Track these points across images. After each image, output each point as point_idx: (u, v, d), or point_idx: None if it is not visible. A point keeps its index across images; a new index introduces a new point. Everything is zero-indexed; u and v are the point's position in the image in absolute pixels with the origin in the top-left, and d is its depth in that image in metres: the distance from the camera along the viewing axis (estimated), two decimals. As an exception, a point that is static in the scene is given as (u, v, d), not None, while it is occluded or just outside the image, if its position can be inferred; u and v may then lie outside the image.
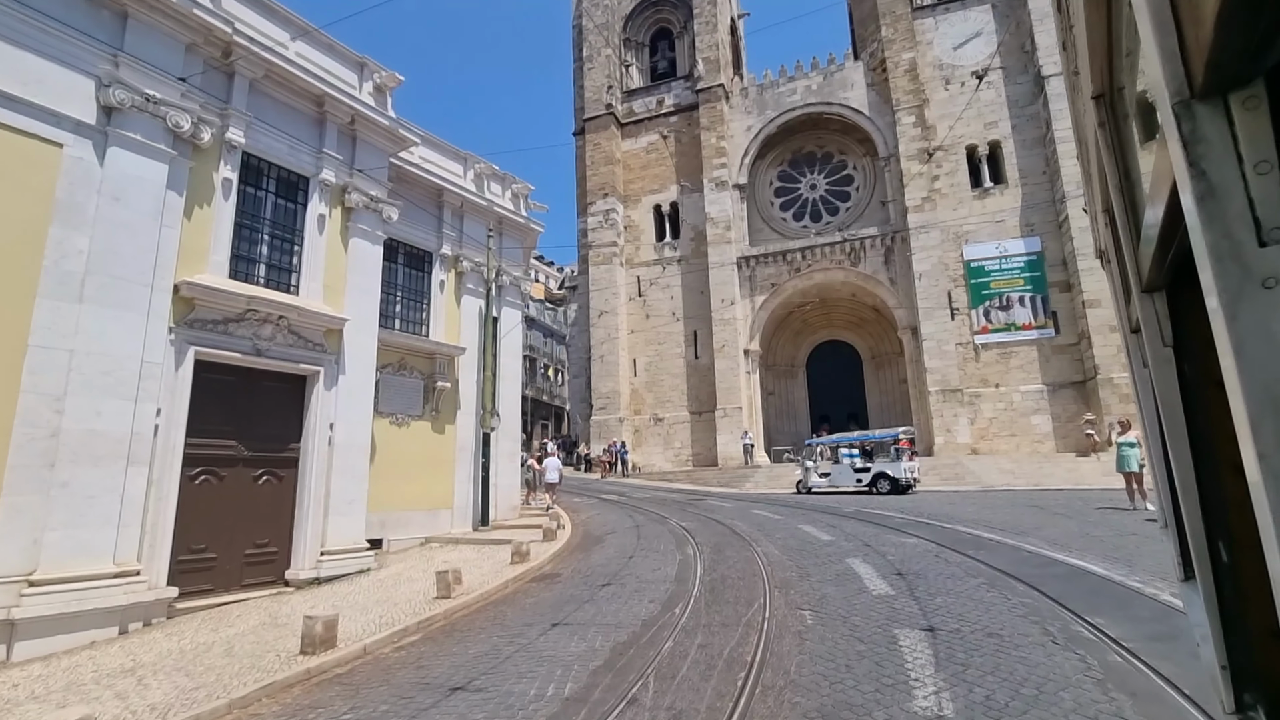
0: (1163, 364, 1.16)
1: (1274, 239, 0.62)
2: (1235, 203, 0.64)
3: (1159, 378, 1.18)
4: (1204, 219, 0.65)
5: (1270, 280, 0.62)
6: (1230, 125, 0.65)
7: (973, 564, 8.38)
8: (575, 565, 10.45)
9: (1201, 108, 0.66)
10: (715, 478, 26.83)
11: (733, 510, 15.56)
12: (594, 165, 37.69)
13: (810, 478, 20.31)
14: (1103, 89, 1.15)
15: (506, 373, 17.80)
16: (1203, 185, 0.65)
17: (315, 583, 11.12)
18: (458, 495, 15.61)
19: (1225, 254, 0.63)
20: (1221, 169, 0.65)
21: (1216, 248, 0.64)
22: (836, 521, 12.83)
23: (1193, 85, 0.66)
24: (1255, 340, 0.61)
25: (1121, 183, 1.16)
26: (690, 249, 35.20)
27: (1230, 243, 0.63)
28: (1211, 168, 0.65)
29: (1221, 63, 0.62)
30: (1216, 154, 0.65)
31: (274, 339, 11.23)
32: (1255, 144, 0.64)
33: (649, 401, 34.90)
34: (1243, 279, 0.62)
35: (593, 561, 10.55)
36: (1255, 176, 0.64)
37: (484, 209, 17.34)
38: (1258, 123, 0.64)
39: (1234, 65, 0.62)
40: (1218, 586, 1.07)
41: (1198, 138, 0.66)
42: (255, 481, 11.05)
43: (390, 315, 15.21)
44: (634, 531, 13.24)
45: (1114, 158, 1.17)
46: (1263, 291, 0.62)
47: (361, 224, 13.08)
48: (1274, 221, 0.62)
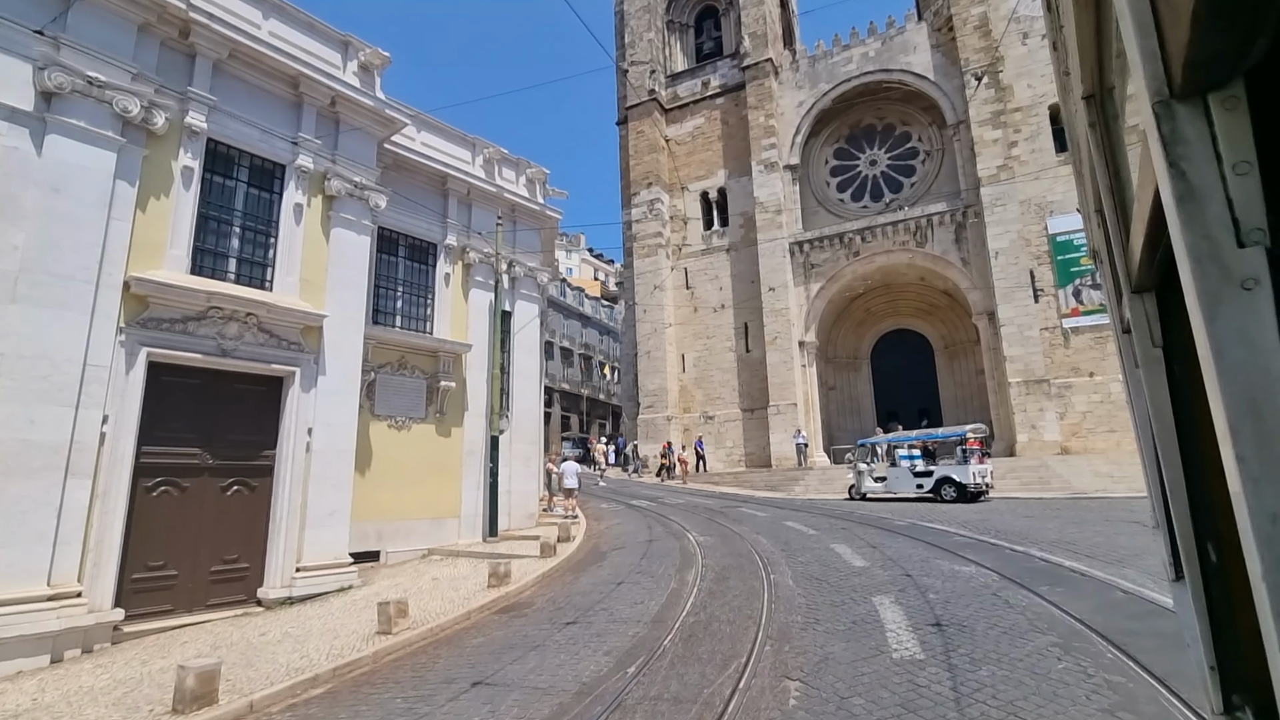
0: (1152, 364, 1.18)
1: (1253, 240, 0.62)
2: (1214, 203, 0.64)
3: (1148, 378, 1.20)
4: (1183, 220, 0.65)
5: (1249, 281, 0.62)
6: (1210, 126, 0.65)
7: (1042, 609, 6.34)
8: (556, 592, 9.02)
9: (1181, 108, 0.66)
10: (764, 480, 24.82)
11: (765, 522, 13.71)
12: (637, 154, 36.24)
13: (864, 482, 18.05)
14: (1093, 89, 1.17)
15: (522, 370, 16.61)
16: (1182, 186, 0.65)
17: (287, 603, 10.20)
18: (465, 503, 14.53)
19: (1204, 255, 0.63)
20: (1201, 169, 0.65)
21: (1196, 249, 0.64)
22: (880, 539, 10.80)
23: (1173, 86, 0.67)
24: (1234, 342, 0.61)
25: (1111, 183, 1.18)
26: (740, 236, 33.15)
27: (1209, 244, 0.63)
28: (1191, 168, 0.65)
29: (1200, 63, 0.62)
30: (1196, 154, 0.65)
31: (241, 338, 10.39)
32: (1234, 144, 0.64)
33: (698, 399, 33.13)
34: (1222, 280, 0.62)
35: (577, 587, 9.08)
36: (1234, 177, 0.64)
37: (493, 196, 16.20)
38: (1237, 123, 0.65)
39: (1213, 66, 0.63)
40: (1206, 587, 1.09)
41: (1178, 138, 0.66)
42: (223, 492, 10.24)
43: (390, 311, 14.29)
44: (643, 548, 11.68)
45: (1104, 158, 1.19)
46: (1242, 293, 0.62)
47: (345, 213, 12.13)
48: (1253, 222, 0.63)
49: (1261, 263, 0.62)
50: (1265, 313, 0.61)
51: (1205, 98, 0.65)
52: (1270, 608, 0.58)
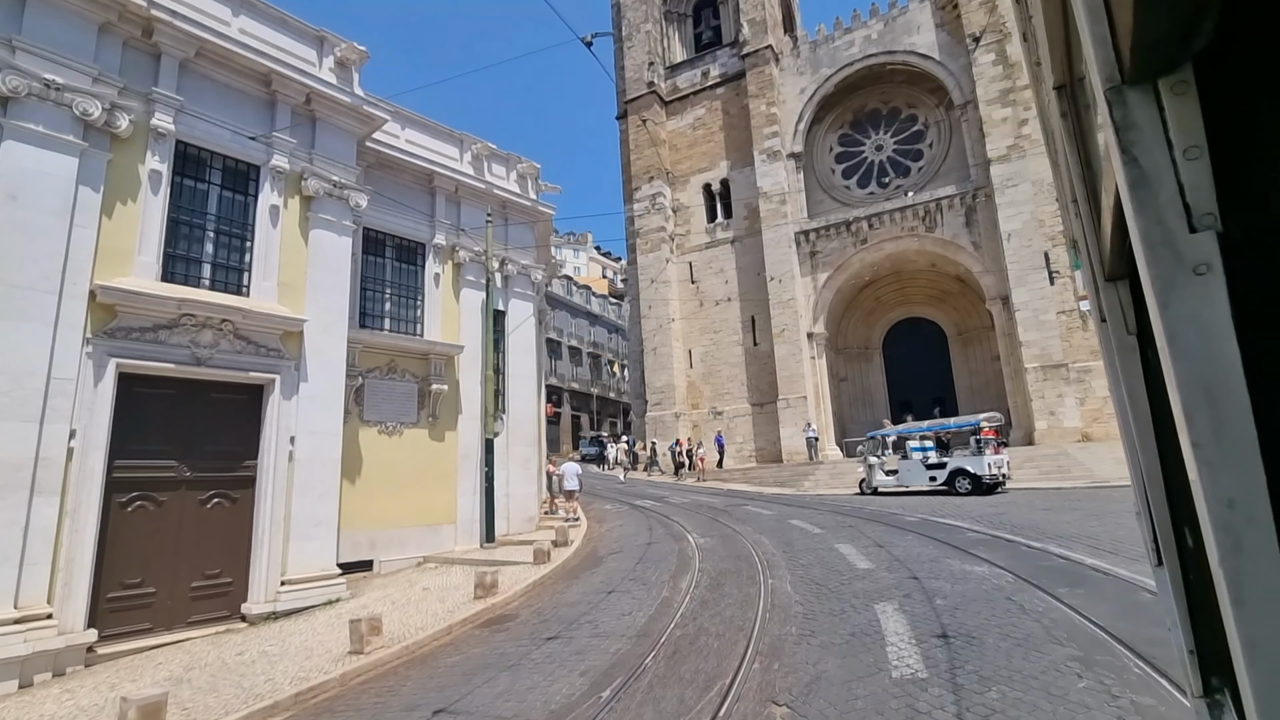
0: (1127, 352, 1.19)
1: (1204, 225, 0.62)
2: (1166, 188, 0.64)
3: (1123, 366, 1.21)
4: (1137, 205, 0.65)
5: (1201, 267, 0.62)
6: (1160, 111, 0.66)
7: (1061, 614, 5.78)
8: (544, 602, 8.58)
9: (1132, 93, 0.67)
10: (773, 476, 24.23)
11: (769, 521, 13.17)
12: (638, 148, 35.70)
13: (874, 476, 17.42)
14: (1063, 79, 1.16)
15: (517, 370, 16.19)
16: (1135, 171, 0.65)
17: (271, 618, 9.86)
18: (461, 509, 14.14)
19: (1158, 240, 0.64)
20: (1153, 155, 0.65)
21: (1149, 234, 0.64)
22: (890, 538, 10.23)
23: (1123, 71, 0.67)
24: (1187, 327, 0.61)
25: (1084, 172, 1.18)
26: (744, 228, 32.52)
27: (1162, 229, 0.64)
28: (1143, 153, 0.65)
29: (1147, 47, 0.62)
30: (1147, 140, 0.65)
31: (217, 346, 10.05)
32: (1185, 129, 0.64)
33: (706, 394, 32.59)
34: (1175, 265, 0.62)
35: (567, 597, 8.63)
36: (1185, 162, 0.64)
37: (483, 193, 15.78)
38: (1187, 108, 0.65)
39: (1160, 50, 0.63)
40: (1184, 572, 1.12)
41: (1129, 123, 0.66)
42: (203, 505, 9.92)
43: (378, 314, 13.93)
44: (641, 551, 11.21)
45: (1075, 148, 1.19)
46: (1194, 278, 0.62)
47: (324, 214, 11.76)
48: (1204, 207, 0.63)
49: (1213, 248, 0.62)
50: (1218, 297, 0.61)
51: (1155, 83, 0.66)
52: (1228, 592, 0.59)
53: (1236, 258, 0.62)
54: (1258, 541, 0.58)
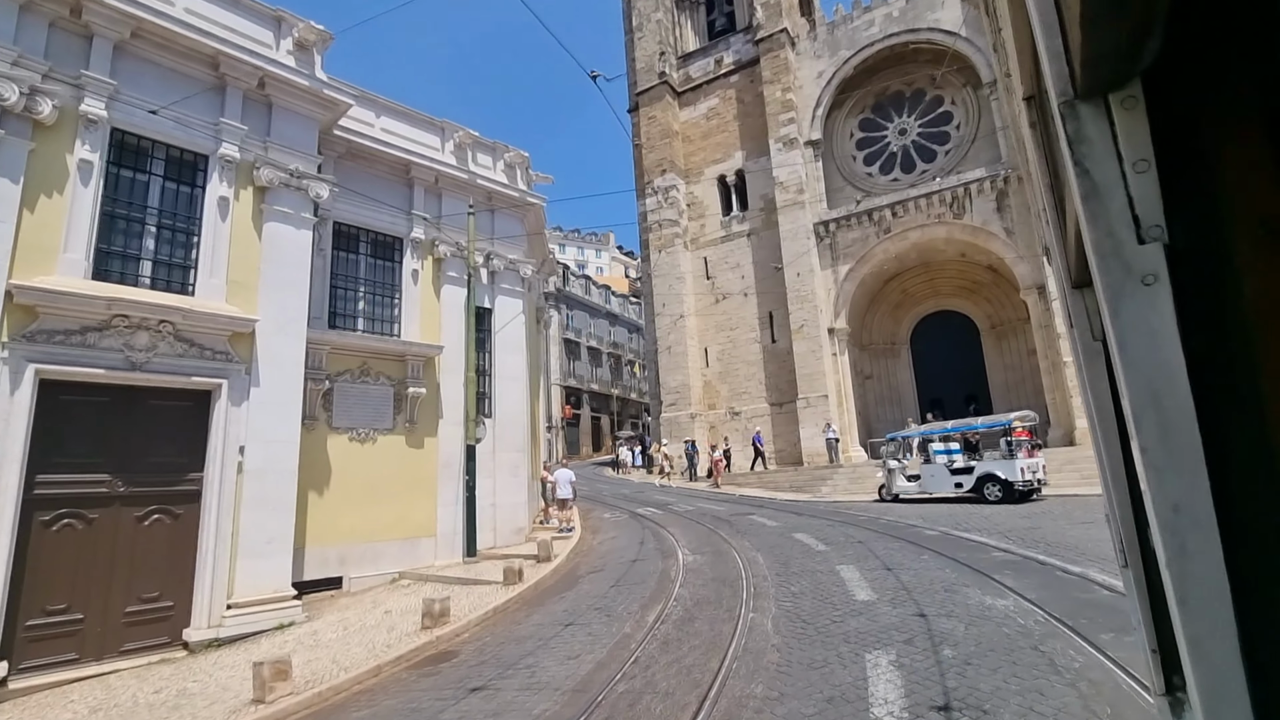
0: (1092, 357, 1.21)
1: (1152, 236, 0.64)
2: (1116, 200, 0.66)
3: (1088, 371, 1.24)
4: (1088, 216, 0.66)
5: (1149, 277, 0.63)
6: (1111, 125, 0.67)
7: (1105, 676, 4.48)
8: (494, 635, 7.51)
9: (1084, 107, 0.68)
10: (789, 480, 22.85)
11: (772, 534, 11.89)
12: (649, 141, 34.57)
13: (895, 481, 15.96)
14: (1032, 90, 1.20)
15: (506, 372, 15.21)
16: (1087, 183, 0.67)
17: (214, 645, 9.02)
18: (442, 520, 13.21)
19: (1108, 251, 0.65)
20: (1103, 167, 0.67)
21: (1100, 245, 0.65)
22: (901, 556, 8.91)
23: (1075, 85, 0.68)
24: (1136, 335, 0.63)
25: (1052, 182, 1.21)
26: (760, 220, 31.13)
27: (1112, 240, 0.65)
28: (1094, 166, 0.67)
29: (1096, 63, 0.64)
30: (1098, 153, 0.67)
31: (155, 349, 9.26)
32: (1133, 143, 0.66)
33: (723, 394, 31.27)
34: (1124, 275, 0.64)
35: (520, 629, 7.54)
36: (1134, 175, 0.65)
37: (465, 184, 14.85)
38: (1135, 122, 0.66)
39: (1109, 66, 0.64)
40: (1148, 574, 1.15)
41: (1081, 137, 0.68)
42: (140, 523, 9.12)
43: (350, 314, 13.09)
44: (622, 570, 10.08)
45: (1043, 157, 1.22)
46: (1142, 288, 0.63)
47: (280, 205, 10.93)
48: (1152, 219, 0.64)
49: (1160, 259, 0.64)
50: (1164, 307, 0.63)
51: (1106, 97, 0.67)
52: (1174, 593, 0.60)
53: (1183, 268, 0.64)
54: (1201, 545, 0.60)
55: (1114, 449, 1.17)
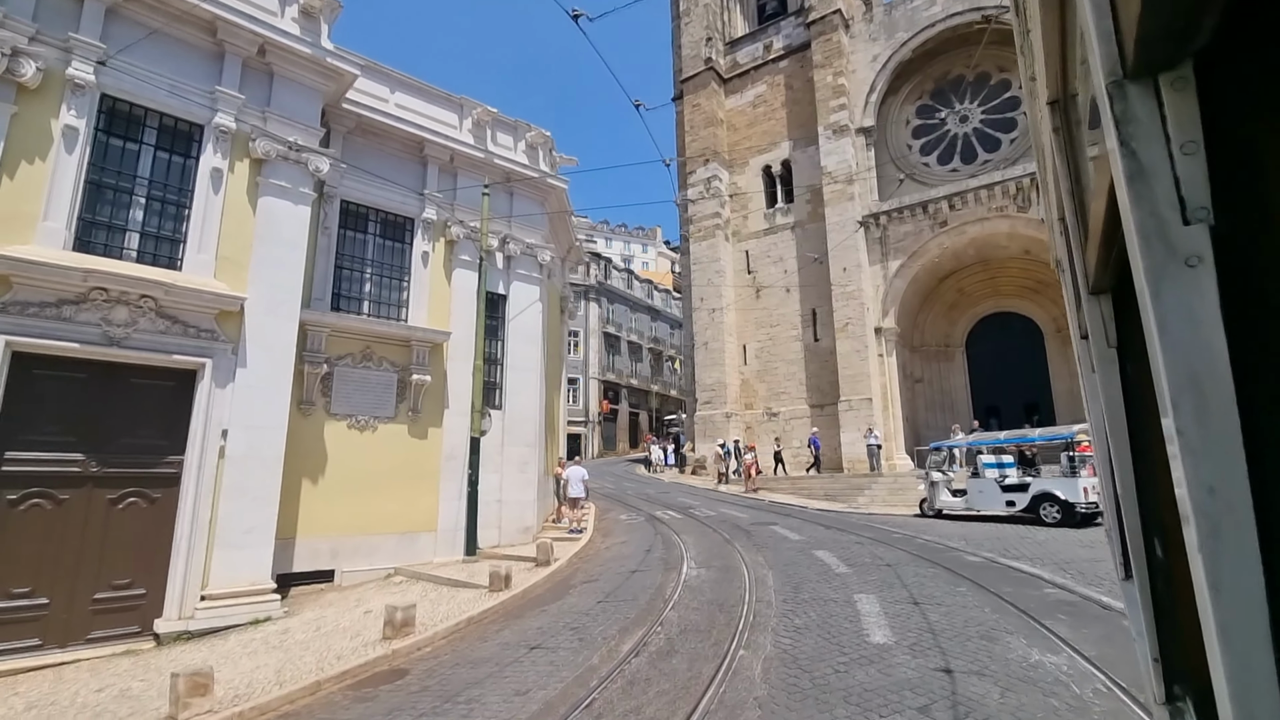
0: (1107, 364, 1.21)
1: (1198, 218, 0.63)
2: (1162, 182, 0.65)
3: (1102, 378, 1.23)
4: (1132, 198, 0.66)
5: (1193, 259, 0.63)
6: (1160, 106, 0.66)
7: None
8: (452, 654, 6.70)
9: (1133, 88, 0.68)
10: (824, 488, 21.45)
11: (791, 549, 10.73)
12: (693, 129, 33.42)
13: (938, 495, 14.47)
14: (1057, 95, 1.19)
15: (519, 362, 14.47)
16: (1132, 165, 0.66)
17: (184, 637, 8.56)
18: (444, 515, 12.57)
19: (1151, 232, 0.64)
20: (1150, 149, 0.66)
21: (1143, 226, 0.65)
22: (933, 588, 7.67)
23: (1125, 65, 0.68)
24: (1177, 318, 0.62)
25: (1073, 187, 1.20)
26: (806, 212, 29.60)
27: (1156, 221, 0.64)
28: (1141, 147, 0.66)
29: (1149, 43, 0.63)
30: (1146, 134, 0.66)
31: (135, 325, 8.85)
32: (1182, 125, 0.65)
33: (761, 393, 29.93)
34: (1167, 257, 0.63)
35: (482, 650, 6.70)
36: (1182, 156, 0.64)
37: (481, 163, 14.15)
38: (1185, 104, 0.65)
39: (1162, 46, 0.64)
40: (1152, 583, 1.16)
41: (1129, 117, 0.67)
42: (114, 505, 8.73)
43: (355, 296, 12.57)
44: (618, 581, 9.16)
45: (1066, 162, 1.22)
46: (1186, 270, 0.63)
47: (276, 179, 10.43)
48: (1198, 201, 0.63)
49: (1205, 241, 0.63)
50: (1208, 290, 0.62)
51: (1156, 78, 0.67)
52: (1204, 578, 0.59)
53: (1227, 251, 0.63)
54: (1235, 529, 0.59)
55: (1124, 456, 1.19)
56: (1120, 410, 1.18)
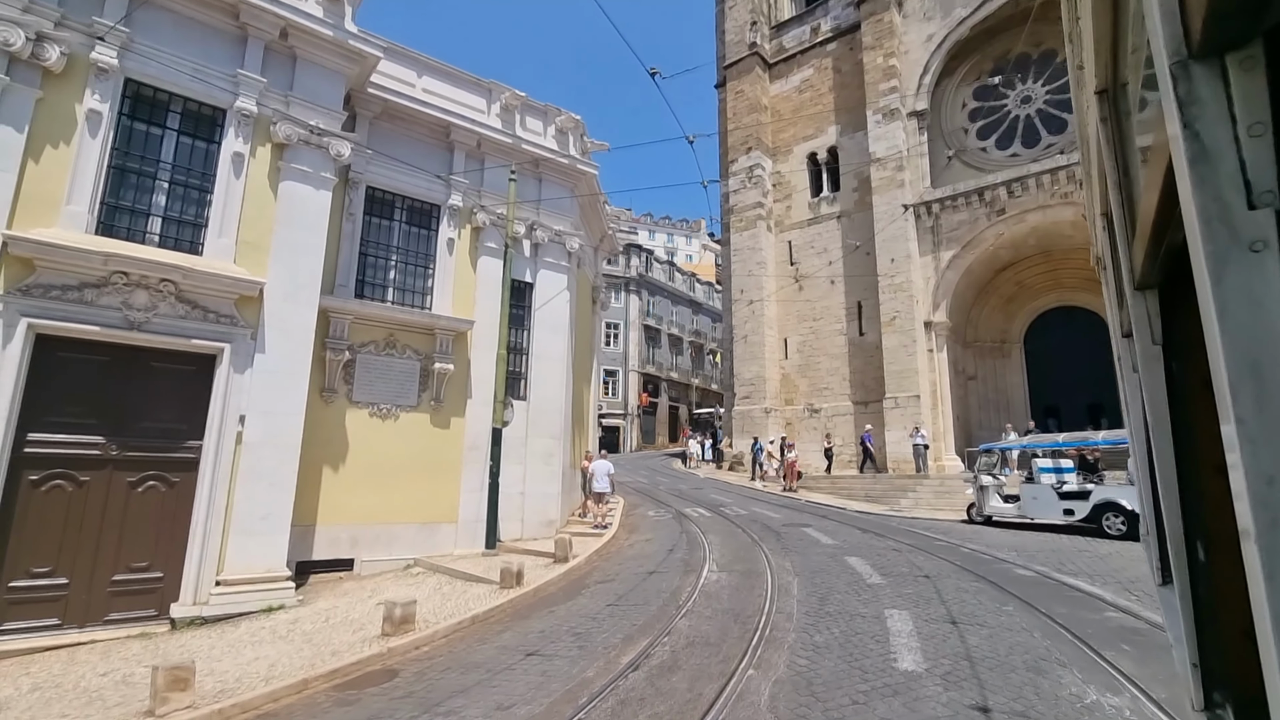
0: (1151, 362, 1.18)
1: (1264, 202, 0.62)
2: (1227, 165, 0.63)
3: (1147, 376, 1.19)
4: (1195, 181, 0.64)
5: (1258, 244, 0.61)
6: (1226, 86, 0.65)
7: None
8: (447, 655, 6.38)
9: (1198, 68, 0.66)
10: (864, 489, 20.50)
11: (821, 556, 10.05)
12: (736, 116, 32.52)
13: (987, 501, 13.48)
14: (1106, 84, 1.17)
15: (545, 351, 14.15)
16: (1196, 147, 0.65)
17: (198, 623, 8.54)
18: (465, 507, 12.38)
19: (1214, 216, 0.63)
20: (1215, 130, 0.64)
21: (1206, 210, 0.63)
22: (978, 603, 6.93)
23: (1191, 45, 0.66)
24: (1239, 303, 0.61)
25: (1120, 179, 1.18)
26: (852, 201, 28.42)
27: (1220, 205, 0.63)
28: (1205, 129, 0.64)
29: (1220, 19, 0.61)
30: (1211, 115, 0.65)
31: (155, 309, 8.86)
32: (1250, 106, 0.63)
33: (802, 389, 28.98)
34: (1230, 241, 0.62)
35: (478, 654, 6.34)
36: (1248, 139, 0.63)
37: (509, 148, 13.84)
38: (1254, 84, 0.64)
39: (1232, 23, 0.62)
40: (1194, 587, 1.12)
41: (1193, 98, 0.65)
42: (134, 488, 8.78)
43: (380, 283, 12.44)
44: (635, 583, 8.71)
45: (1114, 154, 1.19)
46: (1249, 255, 0.62)
47: (298, 164, 10.32)
48: (1265, 185, 0.62)
49: (1271, 225, 0.62)
50: (1272, 275, 0.61)
51: (1223, 57, 0.65)
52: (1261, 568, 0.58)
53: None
54: None
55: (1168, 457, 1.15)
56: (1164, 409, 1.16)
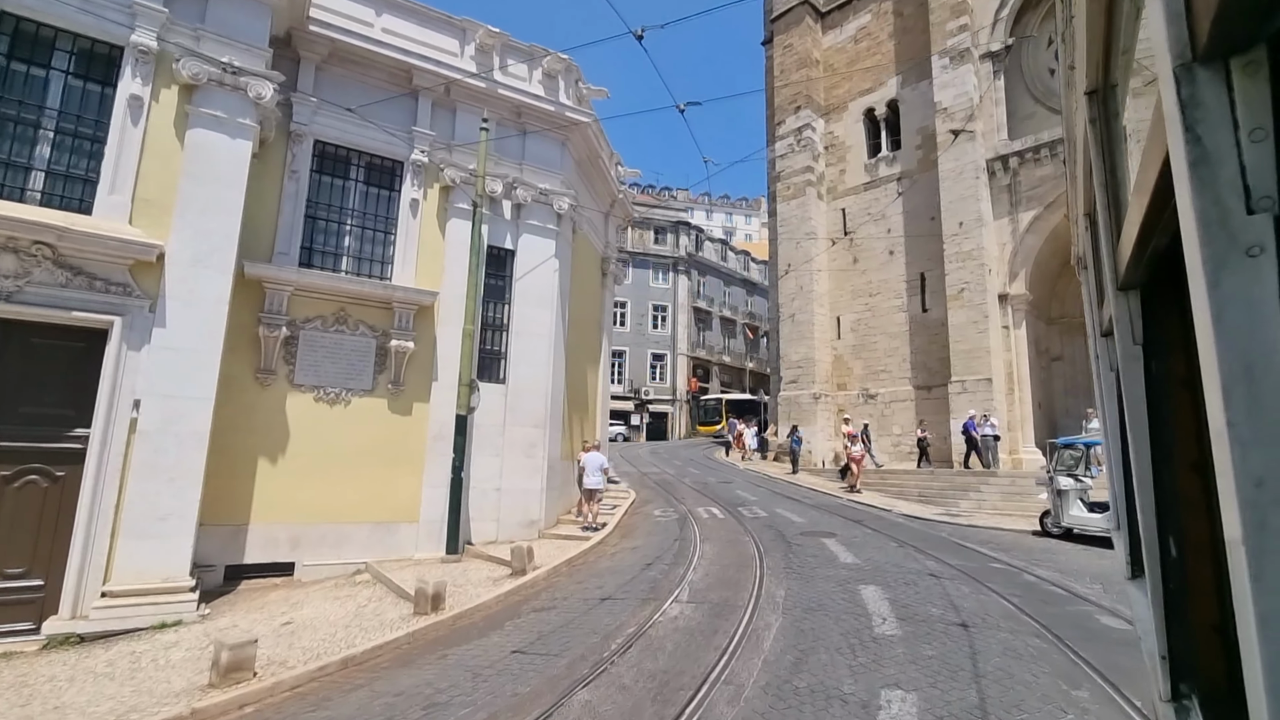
0: (1131, 362, 1.20)
1: (1262, 207, 0.62)
2: (1227, 169, 0.64)
3: (1126, 376, 1.22)
4: (1195, 185, 0.65)
5: (1255, 249, 0.62)
6: (1229, 90, 0.65)
7: None
8: (283, 713, 4.70)
9: (1202, 71, 0.66)
10: (919, 486, 17.73)
11: (829, 582, 7.78)
12: (784, 73, 29.63)
13: (1066, 508, 10.72)
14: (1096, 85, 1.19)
15: (528, 328, 12.37)
16: (1197, 150, 0.65)
17: (74, 640, 7.31)
18: (428, 504, 10.83)
19: (1213, 220, 0.63)
20: (1216, 134, 0.65)
21: (1205, 214, 0.64)
22: (1034, 688, 4.63)
23: (1195, 47, 0.66)
24: (1235, 307, 0.61)
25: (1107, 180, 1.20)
26: (915, 160, 25.17)
27: (1219, 209, 0.63)
28: (1206, 133, 0.65)
29: (1226, 22, 0.61)
30: (1212, 119, 0.65)
31: (28, 276, 7.62)
32: (1252, 110, 0.64)
33: (857, 372, 26.12)
34: (1228, 246, 0.62)
35: (321, 714, 4.63)
36: (1249, 144, 0.63)
37: (484, 95, 12.04)
38: (1257, 88, 0.64)
39: (1239, 26, 0.62)
40: (1165, 582, 1.15)
41: (1195, 102, 0.65)
42: (8, 483, 7.60)
43: (334, 251, 10.98)
44: (568, 614, 6.81)
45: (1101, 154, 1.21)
46: (1246, 259, 0.62)
47: (209, 108, 8.88)
48: (1264, 190, 0.62)
49: (1269, 230, 0.62)
50: (1268, 280, 0.61)
51: (1227, 61, 0.64)
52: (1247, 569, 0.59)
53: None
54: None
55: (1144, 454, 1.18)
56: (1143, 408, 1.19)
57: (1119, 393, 1.26)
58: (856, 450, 19.23)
